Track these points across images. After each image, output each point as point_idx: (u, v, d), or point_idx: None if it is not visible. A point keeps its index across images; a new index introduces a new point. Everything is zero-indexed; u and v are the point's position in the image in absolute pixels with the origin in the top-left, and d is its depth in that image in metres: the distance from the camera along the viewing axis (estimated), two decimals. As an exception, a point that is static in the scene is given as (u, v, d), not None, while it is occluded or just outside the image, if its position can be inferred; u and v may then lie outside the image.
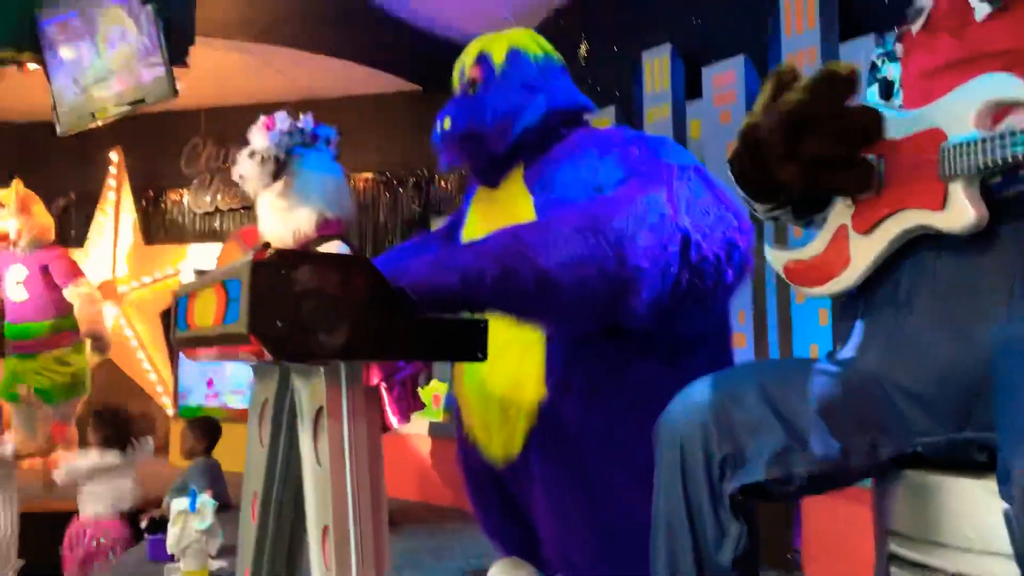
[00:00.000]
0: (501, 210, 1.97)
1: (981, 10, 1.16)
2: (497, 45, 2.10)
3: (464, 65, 2.14)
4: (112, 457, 3.89)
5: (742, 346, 3.17)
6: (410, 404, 3.68)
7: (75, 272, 5.04)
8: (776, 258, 1.34)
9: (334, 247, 3.42)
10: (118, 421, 3.99)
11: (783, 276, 1.32)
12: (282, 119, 3.54)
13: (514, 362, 1.88)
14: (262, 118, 3.55)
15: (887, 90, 1.31)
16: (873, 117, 1.17)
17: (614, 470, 1.78)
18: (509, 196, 2.00)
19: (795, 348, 3.06)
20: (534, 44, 2.11)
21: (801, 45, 3.06)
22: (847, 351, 1.26)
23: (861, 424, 1.14)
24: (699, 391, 1.19)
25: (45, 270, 4.92)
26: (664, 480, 1.19)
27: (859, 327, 1.26)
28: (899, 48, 1.31)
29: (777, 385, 1.17)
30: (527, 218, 1.85)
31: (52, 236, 5.11)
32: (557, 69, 2.12)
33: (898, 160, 1.17)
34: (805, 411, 1.14)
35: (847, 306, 1.30)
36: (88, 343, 4.97)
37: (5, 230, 4.98)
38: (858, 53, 2.84)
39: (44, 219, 5.08)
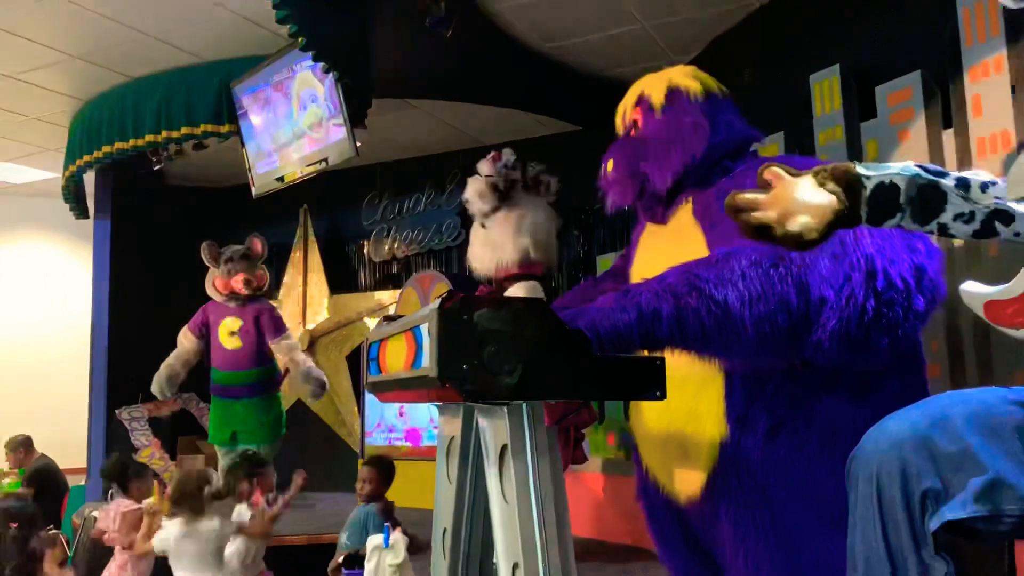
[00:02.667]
0: (671, 246, 1.97)
1: None
2: (656, 86, 2.11)
3: (625, 107, 2.17)
4: None
5: (936, 375, 2.98)
6: (570, 455, 3.73)
7: (283, 325, 5.53)
8: (973, 297, 1.24)
9: (529, 287, 3.59)
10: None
11: (982, 316, 1.24)
12: (508, 153, 3.85)
13: (692, 399, 1.86)
14: (491, 152, 3.86)
15: None
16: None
17: (802, 509, 1.72)
18: (679, 231, 1.99)
19: (996, 379, 2.83)
20: (694, 81, 2.11)
21: (984, 55, 2.88)
22: None
23: None
24: (895, 425, 1.14)
25: (257, 321, 5.39)
26: (860, 518, 1.14)
27: None
28: None
29: (981, 417, 1.10)
30: (699, 252, 1.84)
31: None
32: (720, 103, 2.10)
33: None
34: (1013, 446, 1.07)
35: None
36: (309, 388, 5.39)
37: (263, 276, 5.62)
38: (1051, 58, 2.65)
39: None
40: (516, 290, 3.71)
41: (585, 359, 1.42)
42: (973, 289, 1.24)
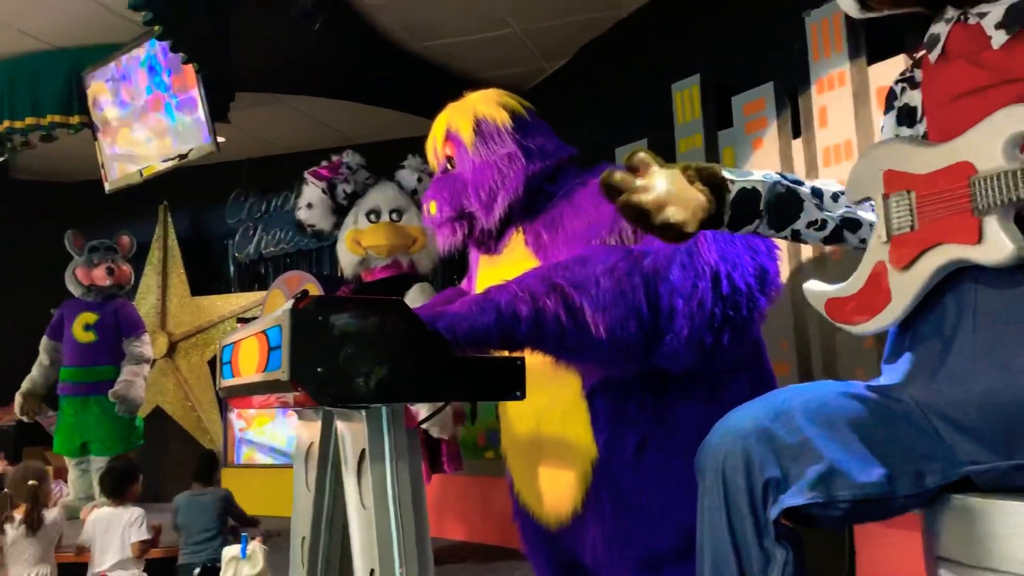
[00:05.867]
0: (510, 275, 1.96)
1: (998, 38, 1.17)
2: (462, 120, 2.08)
3: (435, 142, 2.14)
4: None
5: (785, 374, 3.13)
6: (457, 458, 3.79)
7: (141, 324, 5.28)
8: (815, 296, 1.31)
9: (424, 290, 3.82)
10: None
11: (823, 314, 1.30)
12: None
13: (558, 426, 1.87)
14: (412, 159, 4.18)
15: (911, 116, 1.31)
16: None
17: (675, 519, 1.75)
18: (514, 262, 1.99)
19: (840, 374, 3.01)
20: (499, 110, 2.07)
21: (830, 69, 3.06)
22: (892, 381, 1.25)
23: (905, 453, 1.13)
24: (739, 418, 1.19)
25: (115, 316, 5.12)
26: (707, 508, 1.18)
27: (906, 359, 1.25)
28: (918, 74, 1.31)
29: (818, 410, 1.16)
30: None
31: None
32: (529, 125, 2.09)
33: (929, 194, 1.17)
34: (847, 436, 1.13)
35: (896, 341, 1.29)
36: (117, 404, 5.06)
37: (127, 273, 5.35)
38: (887, 75, 2.84)
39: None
40: (413, 293, 3.75)
41: (445, 360, 1.41)
42: (816, 288, 1.31)
